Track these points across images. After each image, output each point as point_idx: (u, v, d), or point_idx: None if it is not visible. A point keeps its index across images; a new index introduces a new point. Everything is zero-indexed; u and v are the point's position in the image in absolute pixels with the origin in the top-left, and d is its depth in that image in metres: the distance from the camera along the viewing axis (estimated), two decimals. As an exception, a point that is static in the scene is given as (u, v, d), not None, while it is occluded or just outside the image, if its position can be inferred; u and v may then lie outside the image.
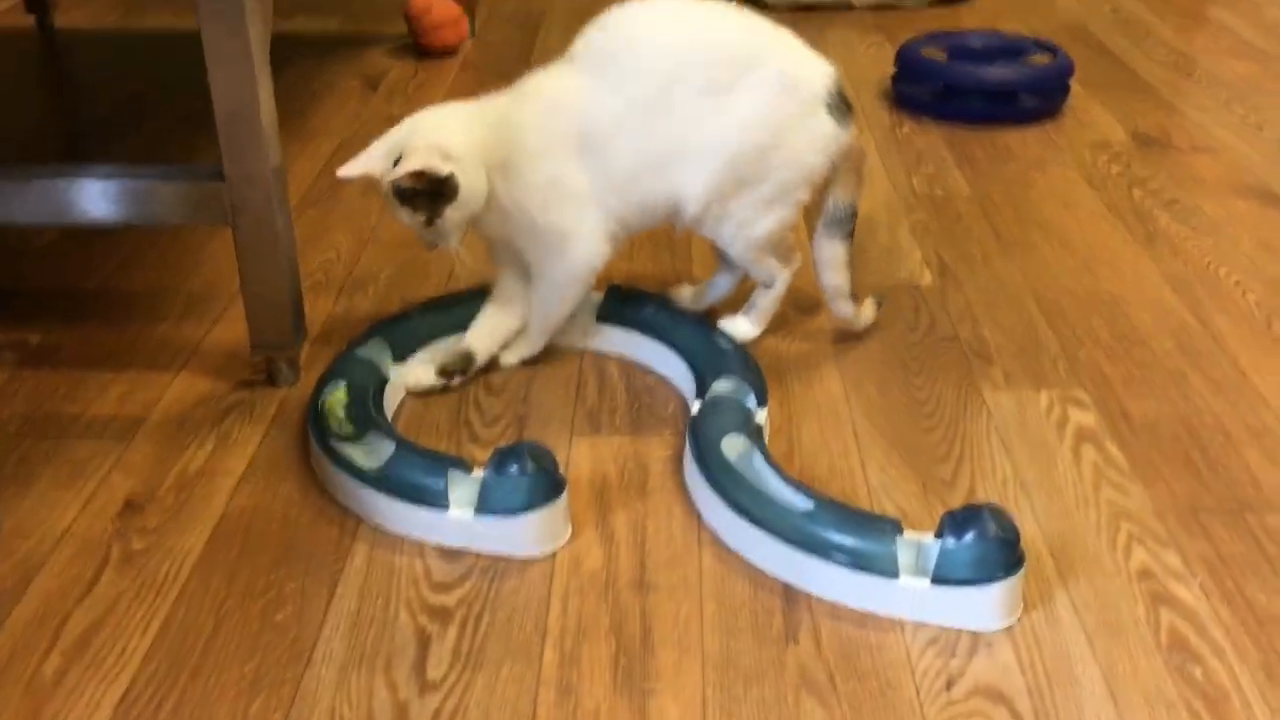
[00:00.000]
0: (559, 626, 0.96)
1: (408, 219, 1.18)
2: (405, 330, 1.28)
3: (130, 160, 1.78)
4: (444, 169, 1.14)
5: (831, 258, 1.29)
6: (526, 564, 1.02)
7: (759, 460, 1.06)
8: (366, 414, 1.12)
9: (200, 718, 0.88)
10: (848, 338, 1.36)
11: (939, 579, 0.95)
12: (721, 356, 1.23)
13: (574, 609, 0.98)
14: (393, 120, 1.21)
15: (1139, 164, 1.83)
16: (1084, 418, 1.22)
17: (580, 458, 1.16)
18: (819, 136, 1.23)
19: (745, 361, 1.23)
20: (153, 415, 1.22)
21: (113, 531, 1.06)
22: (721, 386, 1.18)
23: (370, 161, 1.19)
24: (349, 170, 1.19)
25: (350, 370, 1.19)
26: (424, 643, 0.94)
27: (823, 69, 1.24)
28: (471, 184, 1.17)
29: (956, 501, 1.10)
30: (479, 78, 2.20)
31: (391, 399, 1.22)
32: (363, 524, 1.07)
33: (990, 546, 0.94)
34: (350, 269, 1.51)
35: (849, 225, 1.29)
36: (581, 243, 1.23)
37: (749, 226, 1.25)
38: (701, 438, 1.10)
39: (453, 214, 1.17)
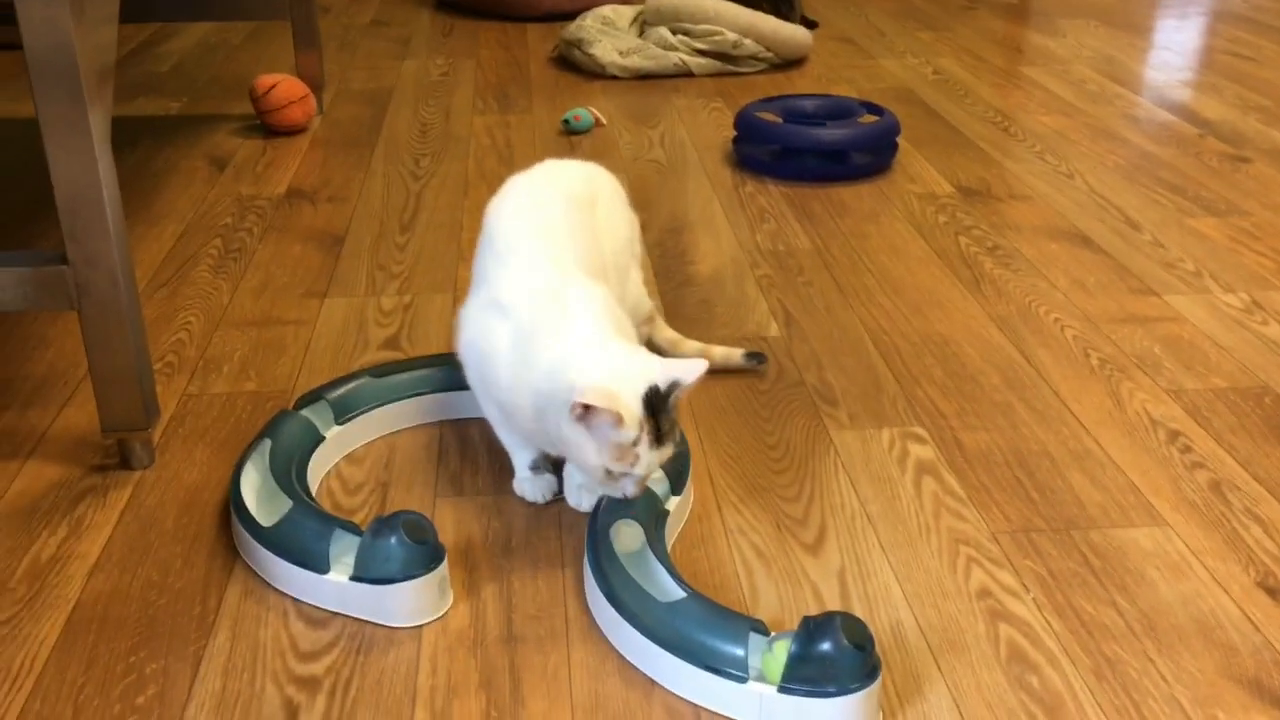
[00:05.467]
0: (429, 686, 0.97)
1: (635, 428, 1.02)
2: (348, 394, 1.30)
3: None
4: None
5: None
6: (394, 628, 1.03)
7: (647, 550, 1.04)
8: (282, 470, 1.15)
9: (61, 808, 0.86)
10: (700, 389, 1.41)
11: (785, 688, 0.91)
12: None
13: (443, 668, 0.99)
14: (241, 200, 1.22)
15: (963, 213, 1.95)
16: (923, 451, 1.29)
17: (444, 520, 1.18)
18: None
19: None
20: None
21: (-39, 627, 1.03)
22: None
23: None
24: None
25: (282, 427, 1.22)
26: (292, 713, 0.94)
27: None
28: None
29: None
30: (329, 154, 2.22)
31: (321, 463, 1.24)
32: (225, 601, 1.06)
33: (844, 655, 0.90)
34: (203, 350, 1.50)
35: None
36: None
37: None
38: (598, 523, 1.08)
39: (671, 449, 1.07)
